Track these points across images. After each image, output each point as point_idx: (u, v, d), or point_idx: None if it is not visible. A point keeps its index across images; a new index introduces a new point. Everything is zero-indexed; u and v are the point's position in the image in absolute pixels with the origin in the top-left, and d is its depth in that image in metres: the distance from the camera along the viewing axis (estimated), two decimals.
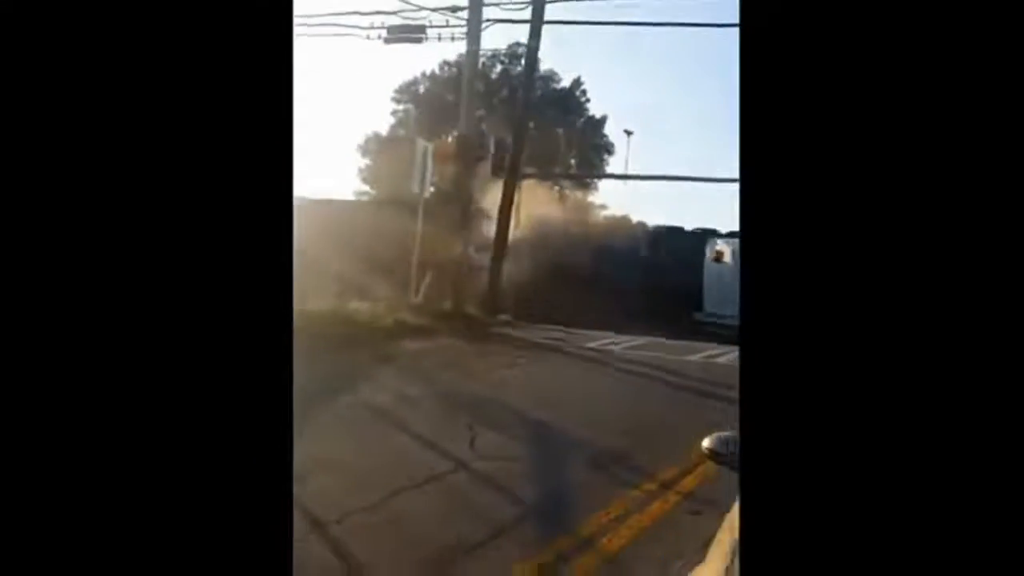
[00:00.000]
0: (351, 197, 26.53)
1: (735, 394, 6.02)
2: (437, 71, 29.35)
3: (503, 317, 13.20)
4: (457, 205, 13.42)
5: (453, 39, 13.99)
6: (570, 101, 30.15)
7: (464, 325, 11.76)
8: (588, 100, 30.30)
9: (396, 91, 29.63)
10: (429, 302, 12.57)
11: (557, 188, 27.31)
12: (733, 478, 2.45)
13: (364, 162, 29.18)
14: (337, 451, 5.09)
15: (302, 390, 1.39)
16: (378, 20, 14.25)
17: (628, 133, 26.71)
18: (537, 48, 13.93)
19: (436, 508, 4.25)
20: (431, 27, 13.95)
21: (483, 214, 15.90)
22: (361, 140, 29.40)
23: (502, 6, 13.75)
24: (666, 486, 4.78)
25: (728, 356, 10.84)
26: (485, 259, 14.12)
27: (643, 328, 12.98)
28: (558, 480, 5.11)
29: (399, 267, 13.02)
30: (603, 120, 30.29)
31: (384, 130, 29.10)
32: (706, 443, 2.49)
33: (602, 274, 19.59)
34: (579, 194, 28.62)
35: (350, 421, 6.11)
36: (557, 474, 5.24)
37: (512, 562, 3.57)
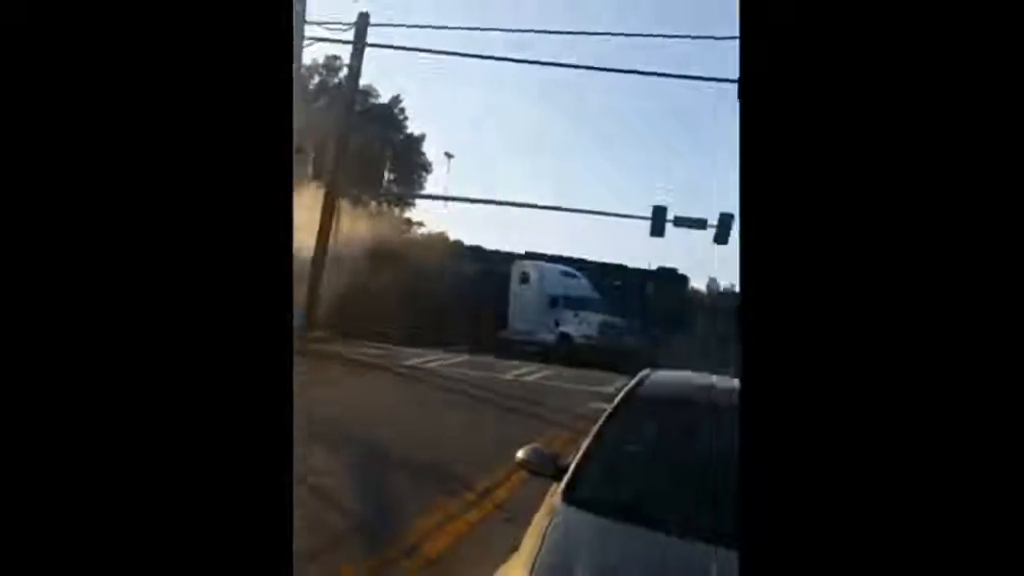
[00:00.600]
0: None
1: (541, 410, 6.89)
2: None
3: (318, 333, 13.20)
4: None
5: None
6: (389, 118, 30.41)
7: None
8: (407, 118, 30.77)
9: None
10: None
11: (375, 203, 27.39)
12: (539, 486, 2.94)
13: None
14: None
15: None
16: None
17: (448, 156, 27.54)
18: (359, 67, 14.24)
19: None
20: None
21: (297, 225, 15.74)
22: None
23: (325, 26, 13.92)
24: (482, 495, 5.34)
25: (534, 376, 11.77)
26: (301, 272, 14.05)
27: (456, 343, 13.61)
28: (383, 491, 5.48)
29: None
30: (422, 138, 30.90)
31: None
32: (520, 455, 2.92)
33: (417, 291, 20.06)
34: (396, 211, 28.94)
35: None
36: (382, 486, 5.60)
37: (341, 568, 3.90)
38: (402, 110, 30.68)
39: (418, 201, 29.50)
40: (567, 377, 11.68)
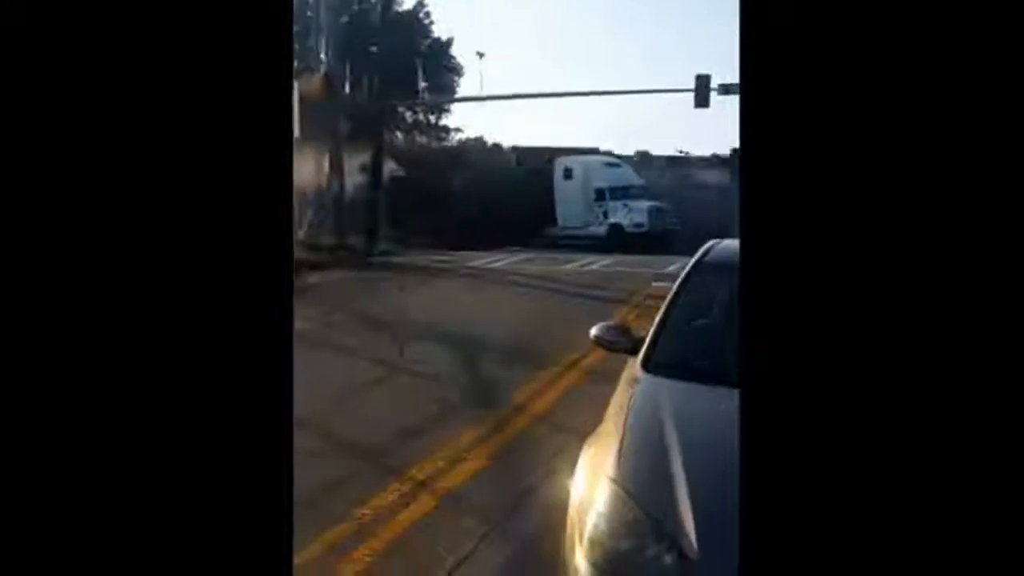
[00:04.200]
0: None
1: (612, 293, 7.64)
2: None
3: (384, 247, 13.94)
4: (328, 141, 13.79)
5: None
6: (414, 24, 29.96)
7: (352, 257, 12.42)
8: (432, 23, 30.25)
9: None
10: (312, 237, 13.06)
11: (409, 113, 27.50)
12: (616, 357, 3.40)
13: None
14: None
15: None
16: None
17: (480, 55, 27.23)
18: None
19: (391, 402, 5.24)
20: None
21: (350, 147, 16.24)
22: None
23: None
24: (569, 366, 6.03)
25: (596, 265, 12.35)
26: (362, 191, 14.69)
27: (511, 244, 14.20)
28: (481, 372, 6.22)
29: None
30: (449, 42, 30.45)
31: None
32: (594, 332, 3.06)
33: (466, 196, 20.52)
34: (432, 118, 29.02)
35: None
36: (479, 368, 6.34)
37: (462, 430, 4.64)
38: (427, 14, 30.12)
39: (453, 106, 29.45)
40: (628, 263, 12.23)
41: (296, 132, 13.44)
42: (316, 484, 3.64)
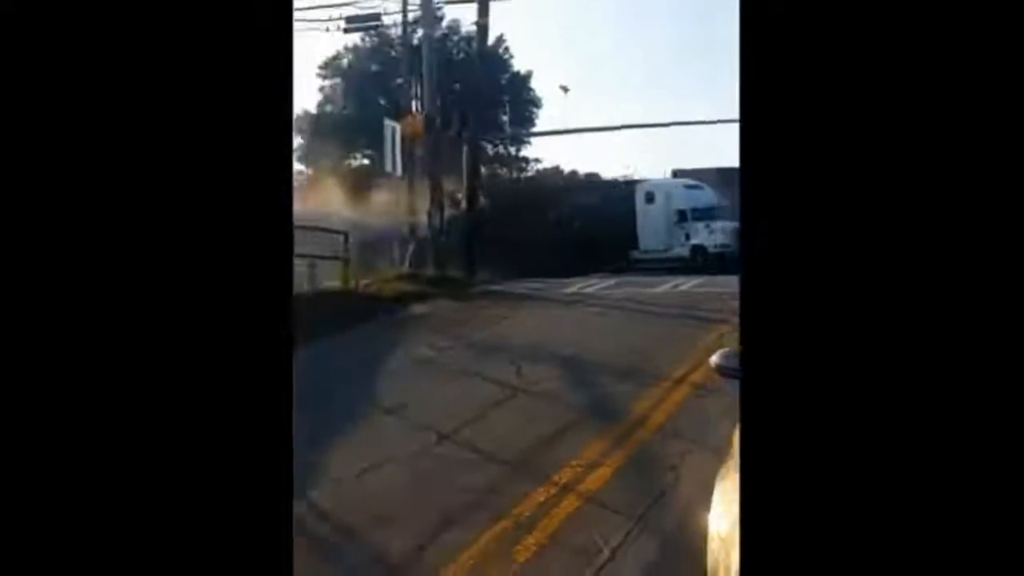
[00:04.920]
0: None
1: (706, 313, 8.01)
2: (359, 43, 29.68)
3: (482, 276, 14.69)
4: (427, 180, 14.73)
5: (407, 26, 15.24)
6: (494, 59, 31.05)
7: (453, 287, 13.18)
8: (512, 57, 31.28)
9: (320, 67, 29.93)
10: (415, 270, 13.94)
11: (493, 146, 28.46)
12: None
13: (296, 140, 29.44)
14: (416, 391, 6.60)
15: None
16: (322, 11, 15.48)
17: (564, 89, 28.00)
18: (487, 25, 15.32)
19: (520, 418, 5.81)
20: (386, 14, 15.34)
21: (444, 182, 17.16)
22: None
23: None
24: (679, 381, 6.47)
25: (686, 285, 12.71)
26: (458, 224, 15.58)
27: (597, 269, 14.68)
28: (597, 389, 6.72)
29: (381, 242, 14.47)
30: (529, 75, 31.40)
31: (312, 107, 29.39)
32: (714, 360, 2.61)
33: (549, 224, 21.19)
34: (512, 149, 29.96)
35: (409, 370, 7.59)
36: (594, 385, 6.85)
37: (589, 440, 5.13)
38: (507, 49, 31.17)
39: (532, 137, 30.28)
40: (716, 283, 12.51)
41: (398, 171, 14.51)
42: (473, 487, 4.25)
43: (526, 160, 30.09)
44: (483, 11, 15.15)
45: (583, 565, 3.37)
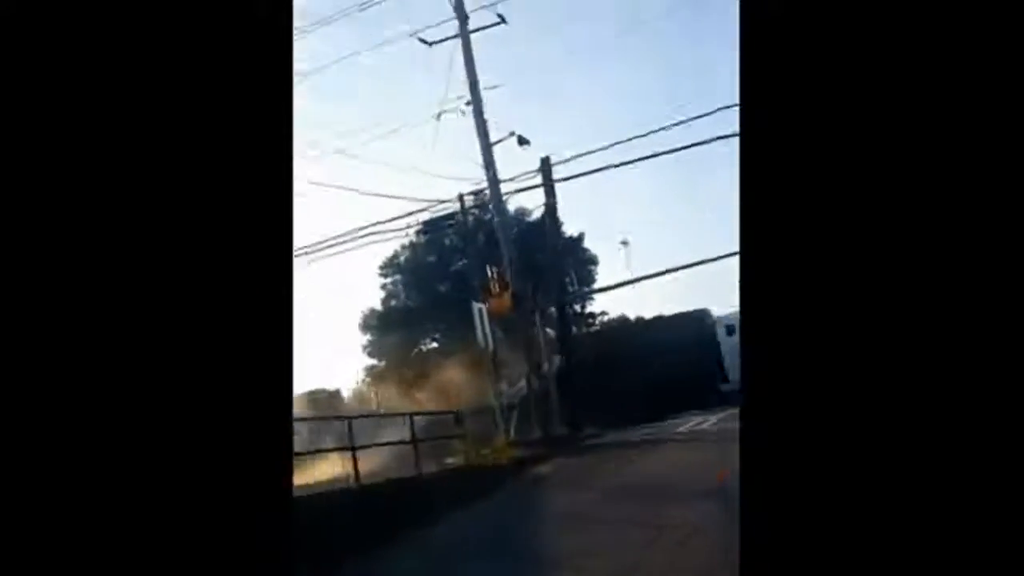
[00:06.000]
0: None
1: None
2: (414, 239, 31.70)
3: (589, 430, 14.95)
4: (518, 350, 15.50)
5: (479, 218, 16.84)
6: (545, 228, 32.70)
7: (564, 445, 13.47)
8: (562, 223, 32.98)
9: (380, 267, 31.85)
10: (522, 434, 14.33)
11: (553, 308, 29.37)
12: None
13: (366, 338, 30.67)
14: (587, 543, 6.82)
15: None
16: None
17: (624, 243, 29.34)
18: (555, 204, 16.71)
19: (683, 558, 5.97)
20: (458, 213, 17.01)
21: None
22: (359, 319, 30.92)
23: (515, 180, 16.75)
24: None
25: None
26: (546, 386, 16.09)
27: (689, 407, 14.66)
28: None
29: (478, 412, 15.01)
30: (581, 237, 32.96)
31: (378, 304, 30.91)
32: None
33: (631, 372, 21.47)
34: (577, 307, 30.85)
35: (562, 527, 7.79)
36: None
37: None
38: (556, 218, 32.86)
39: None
40: None
41: (490, 347, 15.32)
42: None
43: (592, 315, 30.91)
44: (550, 192, 16.63)
45: None
